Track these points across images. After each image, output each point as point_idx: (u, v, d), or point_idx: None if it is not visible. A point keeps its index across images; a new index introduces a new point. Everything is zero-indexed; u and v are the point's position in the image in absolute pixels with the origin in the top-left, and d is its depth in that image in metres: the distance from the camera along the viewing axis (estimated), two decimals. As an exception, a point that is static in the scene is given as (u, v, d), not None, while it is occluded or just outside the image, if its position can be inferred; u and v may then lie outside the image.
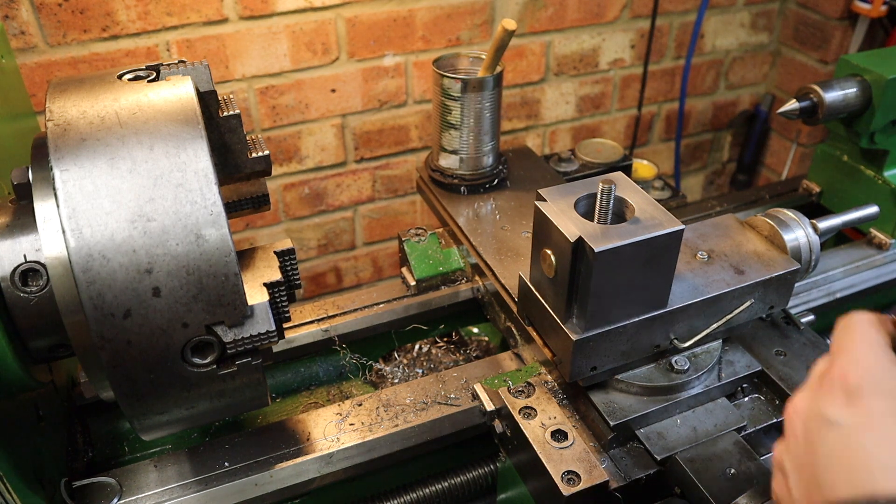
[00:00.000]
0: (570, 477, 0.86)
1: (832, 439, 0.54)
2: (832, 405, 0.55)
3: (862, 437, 0.52)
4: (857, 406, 0.53)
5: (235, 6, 1.83)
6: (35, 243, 0.76)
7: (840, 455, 0.53)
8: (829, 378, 0.57)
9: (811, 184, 1.54)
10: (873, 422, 0.52)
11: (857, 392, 0.54)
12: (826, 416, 0.55)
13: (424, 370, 1.27)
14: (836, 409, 0.54)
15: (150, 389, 0.74)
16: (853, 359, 0.56)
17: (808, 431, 0.56)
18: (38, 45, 1.71)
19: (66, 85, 0.77)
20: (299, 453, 0.99)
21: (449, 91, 1.22)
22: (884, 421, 0.52)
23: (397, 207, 2.38)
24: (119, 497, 0.94)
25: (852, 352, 0.57)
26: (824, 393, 0.56)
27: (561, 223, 0.85)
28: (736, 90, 2.67)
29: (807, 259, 1.06)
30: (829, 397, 0.56)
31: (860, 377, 0.55)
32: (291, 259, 0.90)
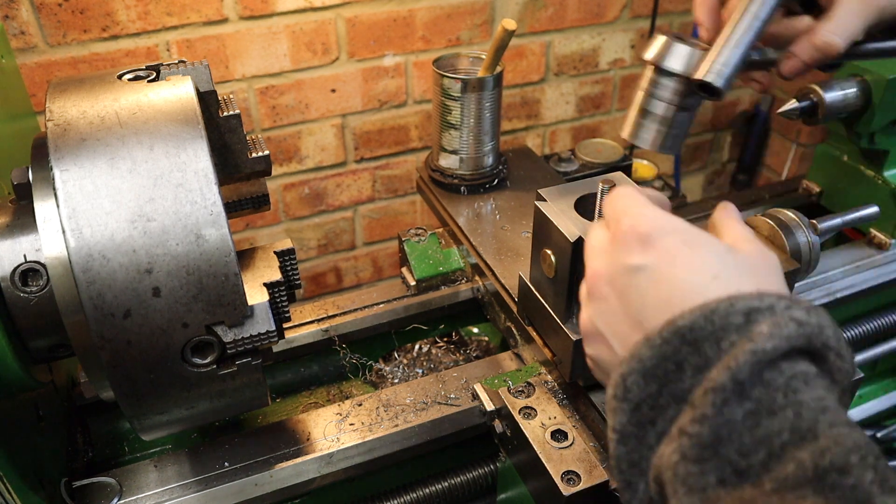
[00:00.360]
0: (570, 477, 0.86)
1: (641, 282, 0.60)
2: (632, 255, 0.61)
3: (665, 270, 0.59)
4: (655, 247, 0.60)
5: (235, 6, 1.83)
6: (35, 243, 0.76)
7: (652, 292, 0.59)
8: (621, 235, 0.63)
9: (811, 184, 1.54)
10: (670, 254, 0.59)
11: (649, 237, 0.61)
12: (630, 266, 0.61)
13: (424, 370, 1.27)
14: (637, 257, 0.60)
15: (150, 389, 0.74)
16: (635, 214, 0.63)
17: (616, 287, 0.62)
18: (38, 45, 1.72)
19: (66, 85, 0.77)
20: (299, 453, 0.99)
21: (449, 91, 1.22)
22: (679, 251, 0.59)
23: (397, 207, 2.38)
24: (119, 497, 0.94)
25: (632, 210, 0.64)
26: (621, 248, 0.62)
27: (561, 223, 0.85)
28: (736, 90, 2.67)
29: (807, 259, 1.06)
30: (627, 250, 0.61)
31: (648, 225, 0.61)
32: (291, 259, 0.90)
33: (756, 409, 0.50)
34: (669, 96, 0.83)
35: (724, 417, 0.50)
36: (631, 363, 0.55)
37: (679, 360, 0.53)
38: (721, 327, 0.52)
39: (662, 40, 0.82)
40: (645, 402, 0.55)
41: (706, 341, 0.52)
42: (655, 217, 0.62)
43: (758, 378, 0.50)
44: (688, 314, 0.54)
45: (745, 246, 0.62)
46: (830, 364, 0.53)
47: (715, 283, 0.56)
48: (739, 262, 0.59)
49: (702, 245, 0.59)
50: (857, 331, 1.39)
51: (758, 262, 0.61)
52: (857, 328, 1.39)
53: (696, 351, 0.53)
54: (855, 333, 1.39)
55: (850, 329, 1.39)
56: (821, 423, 0.48)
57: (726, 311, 0.52)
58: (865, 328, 1.40)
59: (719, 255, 0.59)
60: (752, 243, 0.63)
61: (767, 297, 0.53)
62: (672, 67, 0.80)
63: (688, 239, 0.60)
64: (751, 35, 0.77)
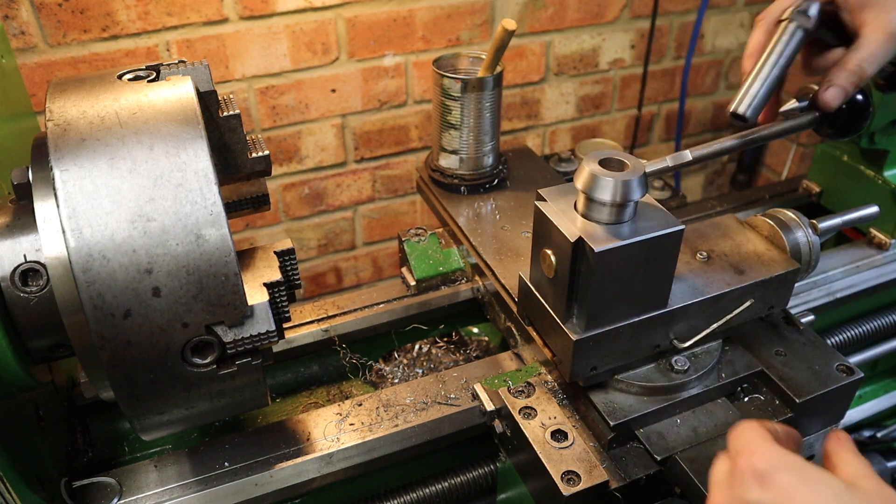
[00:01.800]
0: (570, 477, 0.86)
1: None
2: (750, 492, 0.63)
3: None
4: (771, 485, 0.63)
5: (235, 6, 1.83)
6: (35, 243, 0.76)
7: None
8: (739, 473, 0.65)
9: (811, 184, 1.54)
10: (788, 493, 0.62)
11: (766, 475, 0.63)
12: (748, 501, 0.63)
13: (424, 370, 1.27)
14: (755, 494, 0.63)
15: (150, 389, 0.74)
16: (754, 451, 0.66)
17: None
18: (38, 45, 1.71)
19: (66, 85, 0.77)
20: (299, 453, 0.99)
21: (449, 91, 1.22)
22: (796, 489, 0.61)
23: (397, 207, 2.38)
24: (119, 497, 0.94)
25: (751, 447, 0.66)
26: (739, 485, 0.65)
27: (561, 223, 0.85)
28: (736, 90, 2.66)
29: (807, 259, 1.06)
30: (745, 487, 0.64)
31: (765, 462, 0.64)
32: (291, 259, 0.90)
33: None
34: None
35: None
36: None
37: None
38: None
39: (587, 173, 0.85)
40: None
41: None
42: (774, 454, 0.65)
43: None
44: None
45: (863, 483, 0.64)
46: None
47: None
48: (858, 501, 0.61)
49: (820, 483, 0.62)
50: (857, 331, 1.39)
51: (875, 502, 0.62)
52: (857, 328, 1.39)
53: None
54: (855, 333, 1.39)
55: (850, 329, 1.39)
56: None
57: None
58: (865, 328, 1.39)
59: (837, 495, 0.61)
60: (870, 480, 0.64)
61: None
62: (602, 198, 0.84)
63: (805, 477, 0.62)
64: (776, 71, 0.92)
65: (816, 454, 1.13)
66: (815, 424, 1.06)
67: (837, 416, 1.07)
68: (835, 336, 1.37)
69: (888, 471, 1.49)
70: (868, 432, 1.59)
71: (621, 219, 0.85)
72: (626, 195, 0.82)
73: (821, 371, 1.02)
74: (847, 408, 1.07)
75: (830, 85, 0.93)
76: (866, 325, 1.40)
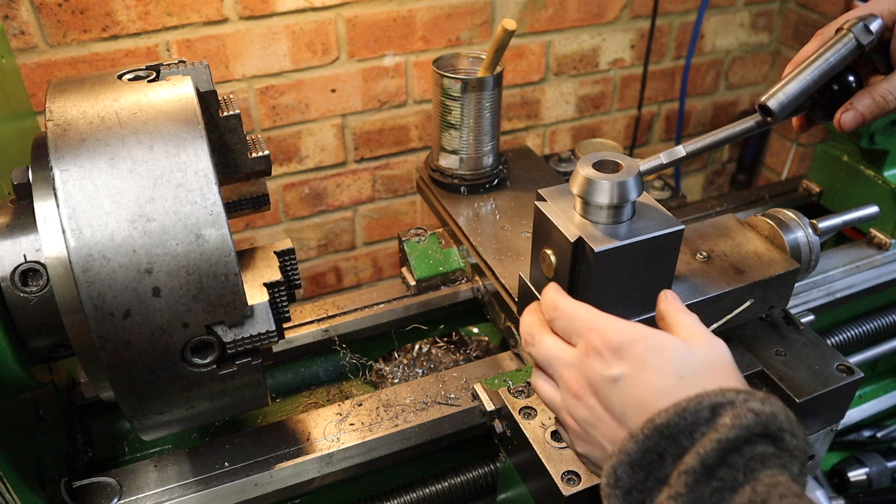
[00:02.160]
0: (570, 477, 0.86)
1: (621, 389, 0.69)
2: (608, 367, 0.70)
3: (638, 377, 0.68)
4: (627, 357, 0.70)
5: (235, 6, 1.83)
6: (35, 243, 0.76)
7: (630, 396, 0.68)
8: (592, 349, 0.72)
9: (811, 184, 1.54)
10: (640, 362, 0.69)
11: (620, 348, 0.70)
12: (608, 376, 0.70)
13: (424, 370, 1.27)
14: (614, 368, 0.70)
15: (150, 389, 0.74)
16: (604, 328, 0.72)
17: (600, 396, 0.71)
18: (38, 45, 1.72)
19: (66, 85, 0.77)
20: (299, 453, 0.99)
21: (449, 91, 1.22)
22: (647, 357, 0.69)
23: (397, 207, 2.38)
24: (119, 497, 0.94)
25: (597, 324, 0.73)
26: (595, 362, 0.71)
27: (561, 223, 0.85)
28: (736, 90, 2.67)
29: (807, 259, 1.06)
30: (603, 363, 0.71)
31: (616, 336, 0.71)
32: (291, 259, 0.90)
33: (721, 486, 0.60)
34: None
35: (694, 494, 0.60)
36: (620, 457, 0.65)
37: (660, 451, 0.63)
38: (692, 422, 0.63)
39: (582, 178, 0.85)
40: (635, 488, 0.64)
41: (681, 434, 0.63)
42: (621, 327, 0.72)
43: (723, 461, 0.61)
44: (664, 413, 0.64)
45: (698, 340, 0.72)
46: (787, 443, 0.63)
47: (682, 383, 0.67)
48: (698, 360, 0.69)
49: (665, 348, 0.69)
50: (857, 331, 1.39)
51: (712, 356, 0.70)
52: (857, 328, 1.39)
53: (674, 443, 0.63)
54: (855, 333, 1.39)
55: (850, 329, 1.39)
56: (772, 496, 0.58)
57: (695, 409, 0.63)
58: (865, 328, 1.40)
59: (681, 357, 0.69)
60: (702, 336, 0.72)
61: (728, 393, 0.64)
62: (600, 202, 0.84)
63: (653, 344, 0.70)
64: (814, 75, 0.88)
65: (816, 454, 1.13)
66: (816, 424, 1.06)
67: (837, 416, 1.07)
68: (835, 336, 1.37)
69: (888, 471, 1.49)
70: (868, 432, 1.59)
71: (619, 219, 0.85)
72: (623, 196, 0.82)
73: (821, 371, 1.02)
74: (847, 408, 1.07)
75: (850, 108, 0.90)
76: (866, 325, 1.40)
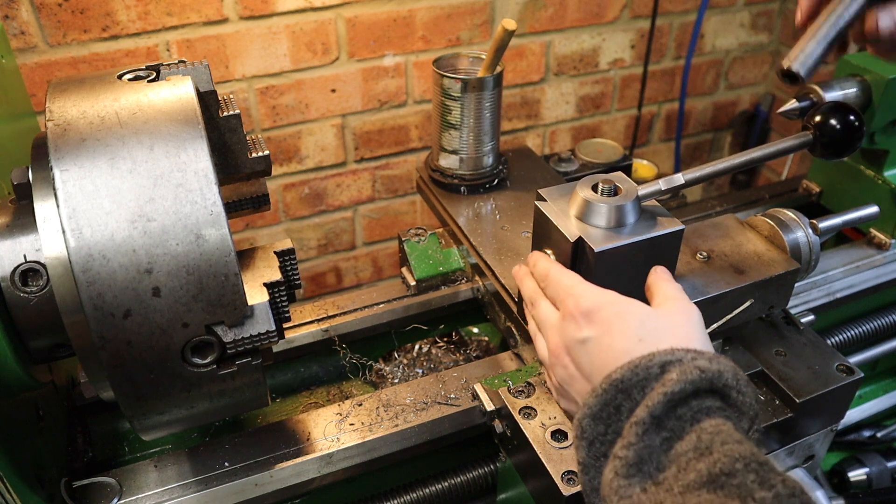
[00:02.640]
0: (570, 477, 0.86)
1: (589, 349, 0.76)
2: (579, 329, 0.77)
3: (604, 339, 0.75)
4: (595, 321, 0.76)
5: (235, 6, 1.83)
6: (35, 243, 0.76)
7: (596, 357, 0.75)
8: (567, 314, 0.79)
9: (811, 184, 1.54)
10: (606, 325, 0.75)
11: (590, 312, 0.76)
12: (579, 338, 0.77)
13: (424, 370, 1.27)
14: (584, 331, 0.76)
15: (150, 389, 0.74)
16: (577, 294, 0.79)
17: (572, 356, 0.78)
18: (38, 45, 1.72)
19: (66, 85, 0.77)
20: (299, 453, 0.99)
21: (449, 91, 1.22)
22: (612, 322, 0.75)
23: (397, 207, 2.38)
24: (119, 497, 0.94)
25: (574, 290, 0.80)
26: (570, 326, 0.78)
27: (561, 223, 0.85)
28: (736, 90, 2.67)
29: (807, 259, 1.06)
30: (575, 325, 0.77)
31: (587, 302, 0.77)
32: (291, 259, 0.90)
33: (669, 435, 0.66)
34: None
35: (644, 443, 0.66)
36: (584, 410, 0.71)
37: (617, 404, 0.69)
38: (644, 378, 0.68)
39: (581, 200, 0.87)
40: (597, 440, 0.70)
41: (634, 388, 0.68)
42: (593, 293, 0.78)
43: (672, 413, 0.66)
44: (619, 370, 0.70)
45: (668, 305, 0.77)
46: (733, 399, 0.68)
47: (640, 344, 0.72)
48: (660, 324, 0.75)
49: (629, 314, 0.75)
50: (857, 331, 1.39)
51: (676, 320, 0.76)
52: (857, 328, 1.39)
53: (628, 397, 0.69)
54: (855, 333, 1.39)
55: (850, 329, 1.39)
56: (715, 442, 0.63)
57: (646, 366, 0.68)
58: (865, 328, 1.39)
59: (643, 321, 0.75)
60: (674, 301, 0.78)
61: (678, 352, 0.69)
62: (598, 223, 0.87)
63: (619, 310, 0.76)
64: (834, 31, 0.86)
65: (816, 454, 1.13)
66: (816, 424, 1.06)
67: (837, 416, 1.07)
68: (835, 336, 1.37)
69: (888, 471, 1.49)
70: (868, 432, 1.59)
71: (620, 224, 0.86)
72: (620, 220, 0.85)
73: (821, 371, 1.02)
74: (847, 408, 1.07)
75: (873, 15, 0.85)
76: (866, 325, 1.40)
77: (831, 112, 0.87)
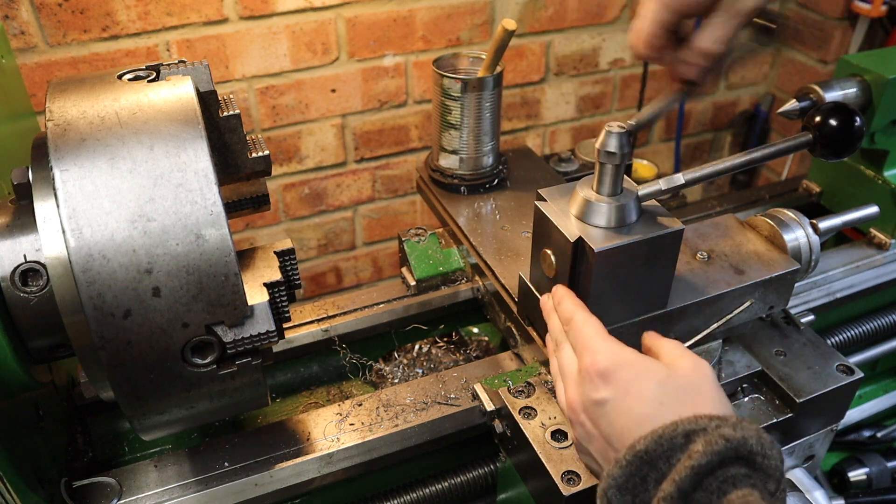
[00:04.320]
0: (570, 477, 0.86)
1: (607, 412, 0.75)
2: (596, 391, 0.76)
3: (622, 402, 0.74)
4: (612, 382, 0.75)
5: (235, 6, 1.83)
6: (35, 243, 0.76)
7: (615, 421, 0.74)
8: (585, 372, 0.78)
9: (811, 184, 1.54)
10: (625, 388, 0.74)
11: (607, 373, 0.75)
12: (596, 400, 0.76)
13: (424, 370, 1.27)
14: (601, 392, 0.75)
15: (150, 389, 0.74)
16: (594, 350, 0.78)
17: (589, 416, 0.77)
18: (38, 45, 1.72)
19: (66, 85, 0.77)
20: (299, 453, 0.99)
21: (449, 91, 1.22)
22: (631, 384, 0.74)
23: (397, 207, 2.38)
24: (119, 497, 0.94)
25: (592, 346, 0.78)
26: (587, 384, 0.77)
27: (561, 223, 0.85)
28: (736, 90, 2.67)
29: (807, 259, 1.06)
30: (592, 385, 0.77)
31: (604, 361, 0.76)
32: (291, 259, 0.90)
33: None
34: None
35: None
36: (609, 481, 0.70)
37: (643, 475, 0.68)
38: (668, 448, 0.67)
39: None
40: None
41: (659, 460, 0.68)
42: (610, 352, 0.77)
43: (697, 484, 0.65)
44: (643, 440, 0.69)
45: (680, 363, 0.76)
46: (759, 464, 0.67)
47: (661, 409, 0.72)
48: (678, 385, 0.74)
49: (648, 373, 0.74)
50: (857, 331, 1.39)
51: (693, 379, 0.75)
52: (857, 328, 1.39)
53: (654, 468, 0.68)
54: (855, 333, 1.39)
55: (850, 329, 1.39)
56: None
57: (670, 436, 0.68)
58: (865, 328, 1.39)
59: (661, 383, 0.74)
60: (685, 358, 0.77)
61: (701, 421, 0.68)
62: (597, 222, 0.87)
63: (637, 371, 0.75)
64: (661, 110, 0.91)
65: (816, 454, 1.13)
66: (815, 424, 1.06)
67: (837, 416, 1.07)
68: (835, 336, 1.37)
69: (888, 471, 1.49)
70: (868, 432, 1.59)
71: (621, 224, 0.86)
72: (621, 220, 0.85)
73: (821, 371, 1.02)
74: (847, 408, 1.07)
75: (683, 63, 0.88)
76: (866, 325, 1.40)
77: (831, 112, 0.87)
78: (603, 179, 0.85)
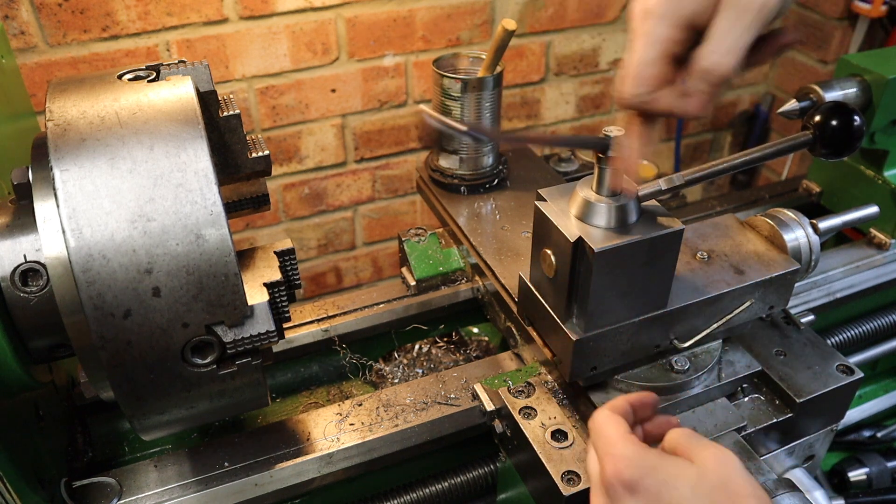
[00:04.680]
0: (570, 477, 0.86)
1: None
2: (622, 501, 0.71)
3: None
4: (640, 492, 0.70)
5: (235, 6, 1.83)
6: (35, 243, 0.76)
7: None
8: (607, 481, 0.72)
9: (811, 184, 1.54)
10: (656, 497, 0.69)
11: (633, 483, 0.70)
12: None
13: (424, 370, 1.27)
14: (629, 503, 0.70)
15: (150, 389, 0.74)
16: (618, 459, 0.72)
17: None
18: (38, 45, 1.72)
19: (66, 85, 0.77)
20: (299, 453, 0.99)
21: (449, 91, 1.22)
22: (660, 491, 0.69)
23: (397, 207, 2.38)
24: (119, 497, 0.94)
25: (614, 451, 0.73)
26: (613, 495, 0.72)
27: (561, 223, 0.85)
28: (736, 90, 2.67)
29: (807, 259, 1.06)
30: (618, 498, 0.71)
31: (628, 470, 0.71)
32: (291, 259, 0.90)
33: None
34: None
35: None
36: None
37: None
38: None
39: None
40: None
41: None
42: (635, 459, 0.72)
43: None
44: None
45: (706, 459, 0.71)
46: None
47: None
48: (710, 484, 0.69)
49: (678, 479, 0.70)
50: (857, 331, 1.39)
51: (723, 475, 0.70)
52: (857, 328, 1.39)
53: None
54: (855, 333, 1.39)
55: (850, 329, 1.39)
56: None
57: None
58: (865, 328, 1.40)
59: (693, 487, 0.69)
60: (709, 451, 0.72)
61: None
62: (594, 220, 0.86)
63: (665, 477, 0.70)
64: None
65: (816, 454, 1.13)
66: (815, 424, 1.06)
67: (837, 416, 1.07)
68: (835, 336, 1.37)
69: (888, 471, 1.49)
70: (868, 432, 1.59)
71: (621, 223, 0.86)
72: (620, 220, 0.85)
73: (821, 371, 1.02)
74: (847, 408, 1.07)
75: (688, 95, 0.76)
76: (866, 325, 1.40)
77: (831, 112, 0.87)
78: (603, 180, 0.85)
